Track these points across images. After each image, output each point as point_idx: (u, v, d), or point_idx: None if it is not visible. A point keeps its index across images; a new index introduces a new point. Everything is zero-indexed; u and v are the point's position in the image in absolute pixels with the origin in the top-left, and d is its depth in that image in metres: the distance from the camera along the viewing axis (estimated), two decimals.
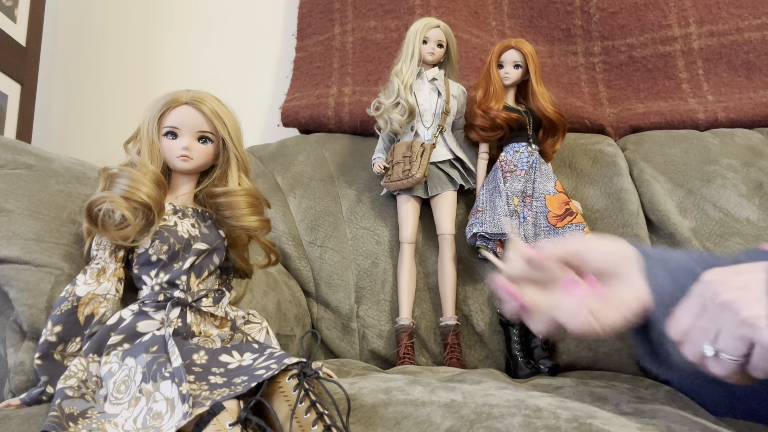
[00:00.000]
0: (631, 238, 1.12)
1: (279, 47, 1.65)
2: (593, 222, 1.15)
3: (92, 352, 0.65)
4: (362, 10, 1.46)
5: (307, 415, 0.53)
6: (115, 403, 0.60)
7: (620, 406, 0.77)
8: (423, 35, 1.16)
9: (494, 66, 1.15)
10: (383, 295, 1.16)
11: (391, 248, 1.18)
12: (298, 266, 1.19)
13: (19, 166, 0.76)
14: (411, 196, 1.16)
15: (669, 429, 0.64)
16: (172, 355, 0.59)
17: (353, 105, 1.37)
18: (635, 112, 1.35)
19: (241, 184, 0.77)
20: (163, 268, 0.71)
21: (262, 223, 0.77)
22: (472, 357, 1.11)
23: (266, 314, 0.99)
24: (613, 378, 0.94)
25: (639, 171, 1.20)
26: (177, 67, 1.66)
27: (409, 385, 0.68)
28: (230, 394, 0.54)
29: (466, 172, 1.18)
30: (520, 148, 1.15)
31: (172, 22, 1.68)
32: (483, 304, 1.13)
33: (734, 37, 1.33)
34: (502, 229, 1.06)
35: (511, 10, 1.48)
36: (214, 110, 0.74)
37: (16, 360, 0.67)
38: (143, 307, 0.68)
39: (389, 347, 1.13)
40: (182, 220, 0.74)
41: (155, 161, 0.73)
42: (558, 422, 0.58)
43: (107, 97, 1.65)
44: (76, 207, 0.76)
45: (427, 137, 1.16)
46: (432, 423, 0.58)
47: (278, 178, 1.29)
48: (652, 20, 1.38)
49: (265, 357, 0.62)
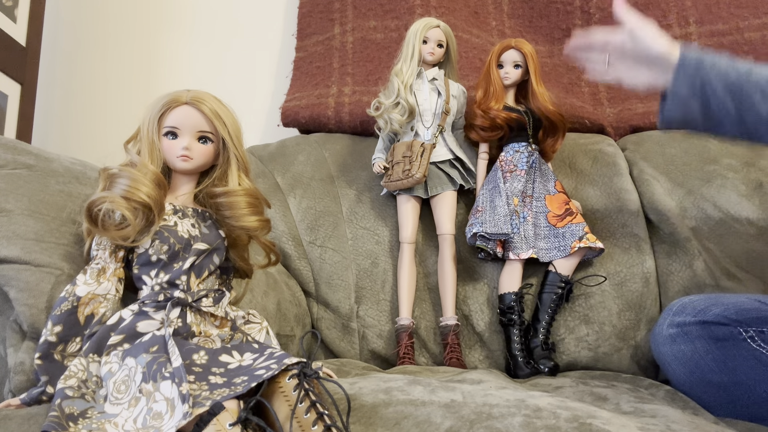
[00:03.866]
0: (631, 237, 1.13)
1: (279, 47, 1.65)
2: (593, 222, 1.15)
3: (92, 352, 0.65)
4: (362, 10, 1.46)
5: (307, 415, 0.53)
6: (115, 403, 0.60)
7: (620, 406, 0.77)
8: (423, 35, 1.16)
9: (494, 66, 1.15)
10: (383, 295, 1.16)
11: (391, 248, 1.18)
12: (298, 266, 1.19)
13: (19, 166, 0.76)
14: (411, 196, 1.16)
15: (669, 429, 0.65)
16: (172, 355, 0.59)
17: (353, 105, 1.37)
18: (635, 112, 1.35)
19: (241, 184, 0.77)
20: (163, 268, 0.71)
21: (262, 223, 0.77)
22: (472, 357, 1.11)
23: (266, 314, 0.99)
24: (613, 378, 0.95)
25: (639, 171, 1.20)
26: (177, 67, 1.66)
27: (409, 385, 0.68)
28: (230, 394, 0.54)
29: (466, 172, 1.18)
30: (520, 148, 1.15)
31: (172, 23, 1.68)
32: (483, 304, 1.13)
33: (734, 37, 1.33)
34: (501, 229, 1.06)
35: (511, 10, 1.48)
36: (214, 110, 0.74)
37: (16, 360, 0.67)
38: (143, 307, 0.68)
39: (389, 347, 1.13)
40: (182, 220, 0.74)
41: (155, 161, 0.73)
42: (558, 422, 0.58)
43: (107, 97, 1.65)
44: (76, 207, 0.76)
45: (427, 137, 1.16)
46: (432, 423, 0.58)
47: (278, 178, 1.29)
48: (652, 20, 1.37)
49: (265, 357, 0.62)
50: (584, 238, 1.06)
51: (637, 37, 0.79)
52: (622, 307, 1.08)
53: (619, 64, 0.83)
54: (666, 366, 0.89)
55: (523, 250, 1.09)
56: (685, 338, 0.84)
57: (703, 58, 0.76)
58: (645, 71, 0.80)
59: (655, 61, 0.78)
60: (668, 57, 0.77)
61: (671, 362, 0.87)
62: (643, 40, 0.79)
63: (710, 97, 0.74)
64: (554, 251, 1.09)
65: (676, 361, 0.86)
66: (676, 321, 0.86)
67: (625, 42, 0.80)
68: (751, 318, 0.79)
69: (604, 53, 0.84)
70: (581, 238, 1.06)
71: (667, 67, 0.77)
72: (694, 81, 0.74)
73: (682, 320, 0.85)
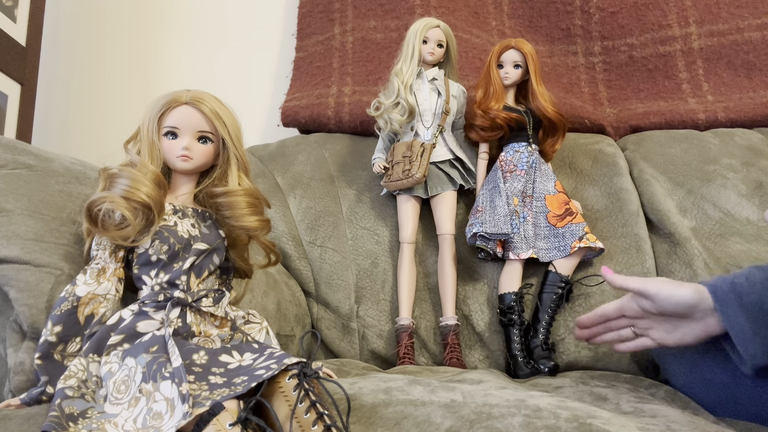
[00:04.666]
0: (631, 237, 1.12)
1: (279, 47, 1.65)
2: (593, 222, 1.15)
3: (92, 352, 0.65)
4: (362, 10, 1.46)
5: (307, 415, 0.53)
6: (115, 403, 0.60)
7: (620, 406, 0.77)
8: (423, 35, 1.16)
9: (494, 66, 1.15)
10: (383, 295, 1.16)
11: (391, 248, 1.18)
12: (298, 266, 1.19)
13: (19, 166, 0.76)
14: (411, 196, 1.16)
15: (669, 429, 0.65)
16: (172, 355, 0.59)
17: (353, 105, 1.37)
18: (635, 112, 1.35)
19: (241, 184, 0.77)
20: (163, 268, 0.71)
21: (262, 223, 0.77)
22: (472, 357, 1.11)
23: (266, 314, 0.99)
24: (613, 378, 0.94)
25: (639, 171, 1.20)
26: (177, 67, 1.66)
27: (409, 385, 0.68)
28: (230, 394, 0.54)
29: (466, 172, 1.18)
30: (520, 148, 1.15)
31: (172, 23, 1.68)
32: (483, 304, 1.13)
33: (734, 37, 1.33)
34: (501, 229, 1.06)
35: (511, 10, 1.48)
36: (214, 110, 0.74)
37: (16, 360, 0.67)
38: (143, 307, 0.68)
39: (389, 347, 1.13)
40: (182, 220, 0.74)
41: (155, 161, 0.73)
42: (558, 422, 0.58)
43: (107, 97, 1.65)
44: (76, 207, 0.76)
45: (427, 137, 1.16)
46: (432, 423, 0.58)
47: (278, 178, 1.29)
48: (652, 20, 1.38)
49: (265, 357, 0.62)
50: (584, 238, 1.06)
51: (653, 298, 0.72)
52: None
53: (652, 328, 0.75)
54: (666, 366, 0.89)
55: (523, 250, 1.09)
56: None
57: (734, 281, 0.67)
58: (685, 326, 0.72)
59: (688, 312, 0.70)
60: (700, 302, 0.69)
61: (671, 362, 0.87)
62: (660, 298, 0.71)
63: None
64: (554, 251, 1.09)
65: (676, 361, 0.86)
66: None
67: (642, 305, 0.74)
68: None
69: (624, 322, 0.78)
70: (581, 238, 1.06)
71: (706, 311, 0.69)
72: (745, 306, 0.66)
73: None
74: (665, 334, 0.74)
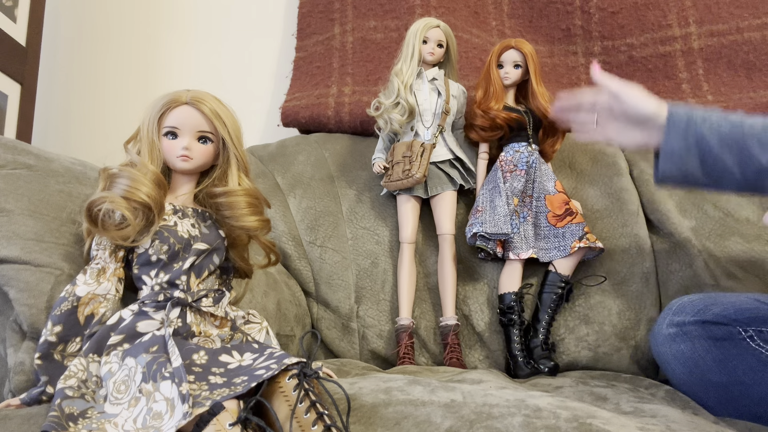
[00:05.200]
0: (631, 237, 1.13)
1: (279, 47, 1.65)
2: (593, 222, 1.15)
3: (92, 352, 0.65)
4: (362, 10, 1.46)
5: (307, 415, 0.53)
6: (115, 403, 0.60)
7: (620, 406, 0.77)
8: (423, 35, 1.16)
9: (494, 66, 1.15)
10: (383, 295, 1.16)
11: (391, 248, 1.18)
12: (298, 266, 1.19)
13: (19, 166, 0.76)
14: (411, 196, 1.16)
15: (669, 429, 0.65)
16: (172, 355, 0.59)
17: (353, 105, 1.37)
18: None
19: (241, 184, 0.77)
20: (163, 268, 0.71)
21: (262, 223, 0.77)
22: (472, 357, 1.11)
23: (266, 314, 0.99)
24: (613, 378, 0.95)
25: (639, 171, 1.20)
26: (177, 67, 1.66)
27: (409, 385, 0.68)
28: (230, 394, 0.54)
29: (466, 172, 1.18)
30: (520, 147, 1.15)
31: (172, 22, 1.68)
32: (483, 304, 1.13)
33: (734, 37, 1.33)
34: (501, 229, 1.06)
35: (511, 10, 1.48)
36: (214, 110, 0.74)
37: (16, 360, 0.67)
38: (143, 307, 0.68)
39: (389, 347, 1.13)
40: (182, 220, 0.74)
41: (155, 161, 0.73)
42: (558, 422, 0.58)
43: (107, 97, 1.65)
44: (76, 207, 0.76)
45: (427, 137, 1.16)
46: (432, 423, 0.58)
47: (278, 178, 1.29)
48: (652, 20, 1.38)
49: (265, 357, 0.62)
50: (584, 238, 1.06)
51: (622, 100, 0.80)
52: (622, 307, 1.08)
53: (608, 125, 0.83)
54: (666, 366, 0.89)
55: (523, 250, 1.09)
56: (685, 338, 0.84)
57: (693, 113, 0.75)
58: (635, 131, 0.81)
59: (644, 121, 0.79)
60: (657, 116, 0.77)
61: (671, 362, 0.87)
62: (629, 102, 0.79)
63: (706, 152, 0.74)
64: (554, 251, 1.09)
65: (676, 361, 0.86)
66: (676, 321, 0.86)
67: (611, 104, 0.81)
68: (751, 317, 0.79)
69: (592, 113, 0.85)
70: (581, 238, 1.06)
71: (657, 126, 0.77)
72: (686, 137, 0.75)
73: (681, 320, 0.85)
74: (615, 134, 0.83)
